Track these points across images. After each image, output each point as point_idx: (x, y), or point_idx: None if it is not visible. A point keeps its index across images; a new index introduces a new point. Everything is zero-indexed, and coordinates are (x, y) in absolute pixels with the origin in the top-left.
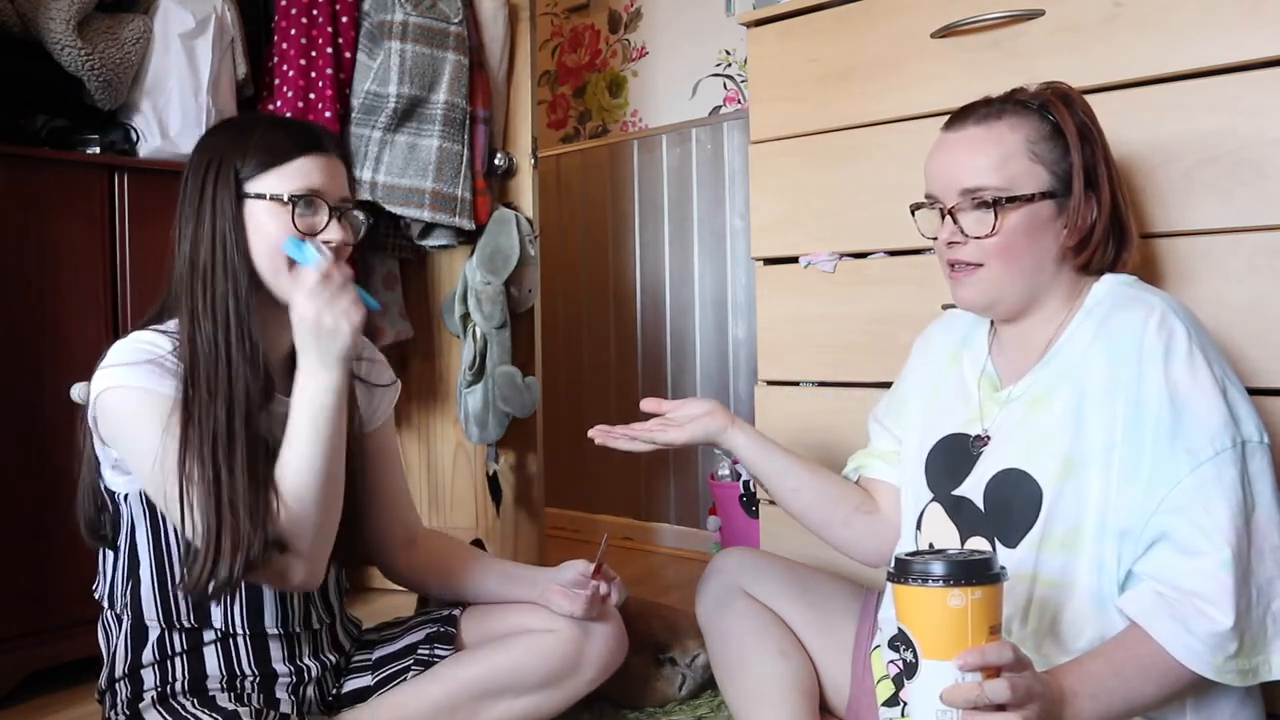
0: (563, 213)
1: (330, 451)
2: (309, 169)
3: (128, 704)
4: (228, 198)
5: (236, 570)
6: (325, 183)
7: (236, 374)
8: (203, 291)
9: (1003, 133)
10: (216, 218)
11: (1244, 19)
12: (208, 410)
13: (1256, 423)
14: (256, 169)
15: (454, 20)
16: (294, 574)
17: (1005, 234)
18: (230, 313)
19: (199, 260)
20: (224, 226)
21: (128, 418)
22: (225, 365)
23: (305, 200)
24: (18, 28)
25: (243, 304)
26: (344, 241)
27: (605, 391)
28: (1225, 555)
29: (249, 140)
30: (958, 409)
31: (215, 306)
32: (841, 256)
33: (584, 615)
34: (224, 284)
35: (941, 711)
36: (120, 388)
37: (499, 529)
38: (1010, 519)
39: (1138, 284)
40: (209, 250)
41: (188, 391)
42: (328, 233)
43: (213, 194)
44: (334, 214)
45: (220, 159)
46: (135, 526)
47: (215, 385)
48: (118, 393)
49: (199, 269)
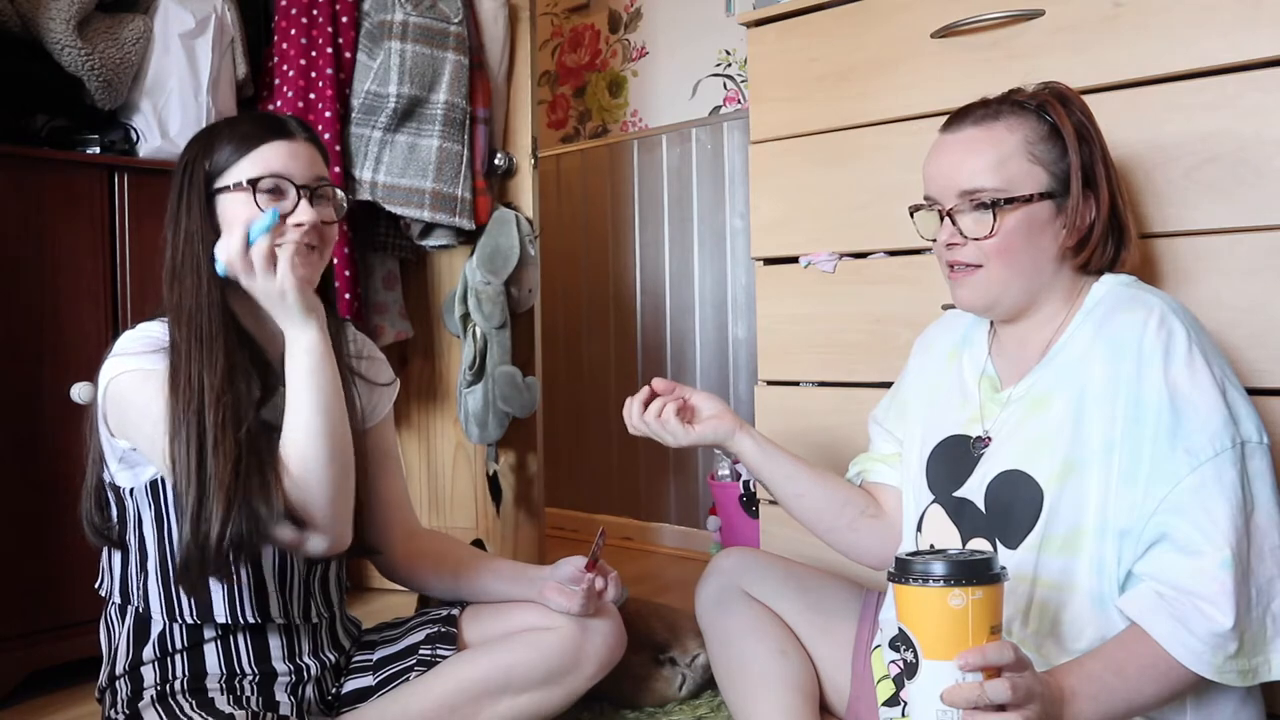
0: (563, 213)
1: (326, 408)
2: (270, 154)
3: (127, 703)
4: (196, 198)
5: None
6: (289, 165)
7: (207, 372)
8: (175, 292)
9: (1001, 134)
10: (189, 219)
11: (1244, 19)
12: (186, 410)
13: (1256, 423)
14: (224, 164)
15: (454, 20)
16: (314, 542)
17: (1004, 235)
18: (195, 310)
19: (176, 262)
20: (192, 227)
21: (136, 397)
22: (196, 364)
23: (268, 184)
24: (18, 28)
25: (205, 299)
26: (315, 221)
27: (605, 391)
28: (1225, 555)
29: (216, 138)
30: (958, 410)
31: (183, 306)
32: (841, 256)
33: (581, 611)
34: (190, 280)
35: (942, 711)
36: (129, 372)
37: (499, 529)
38: (1011, 520)
39: (1137, 284)
40: (181, 252)
41: (174, 393)
42: (297, 214)
43: (186, 197)
44: (301, 194)
45: (191, 161)
46: (142, 521)
47: (191, 387)
48: (127, 376)
49: (175, 270)
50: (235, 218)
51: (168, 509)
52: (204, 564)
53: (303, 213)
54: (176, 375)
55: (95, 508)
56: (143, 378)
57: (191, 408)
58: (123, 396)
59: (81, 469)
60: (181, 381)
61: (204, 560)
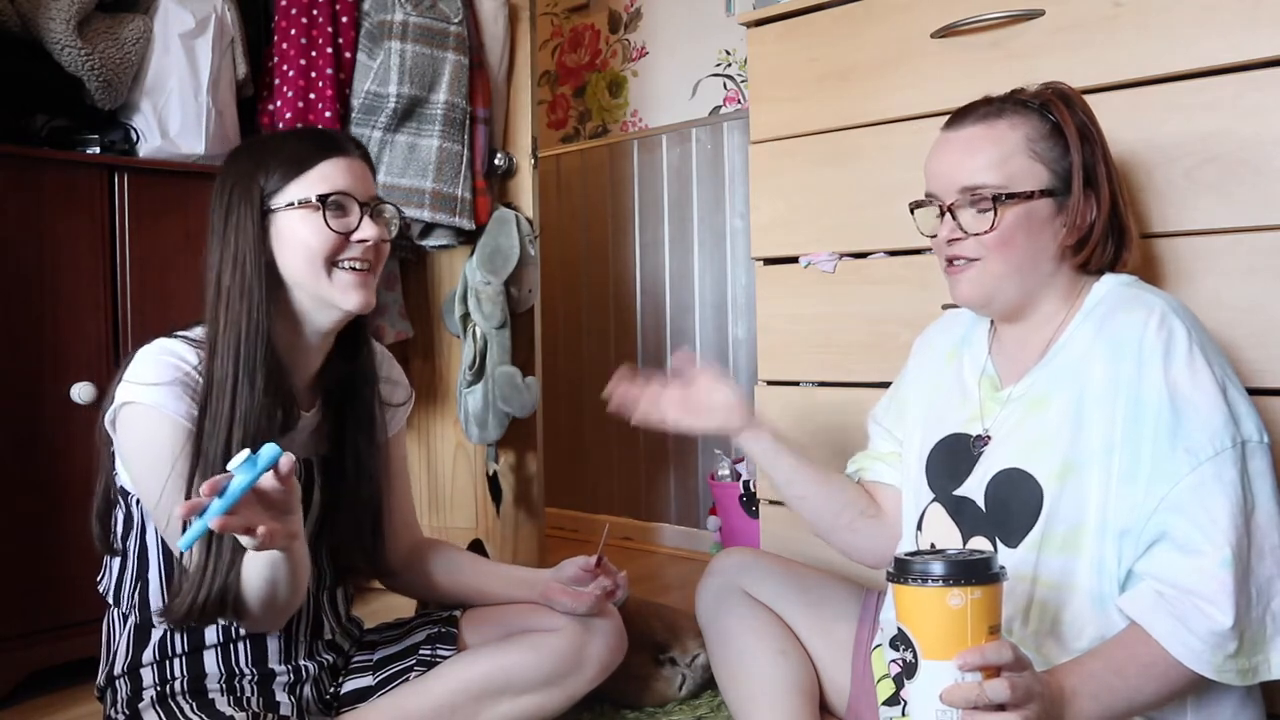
0: (563, 213)
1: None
2: (332, 171)
3: (127, 703)
4: (250, 218)
5: (227, 598)
6: (352, 183)
7: (241, 394)
8: (223, 314)
9: (1003, 131)
10: (239, 239)
11: (1244, 19)
12: (211, 433)
13: (1257, 422)
14: (281, 181)
15: (454, 20)
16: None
17: (1004, 230)
18: (242, 334)
19: (222, 284)
20: (244, 248)
21: (144, 440)
22: (231, 386)
23: (335, 201)
24: (18, 28)
25: (254, 325)
26: (380, 238)
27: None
28: (1225, 554)
29: (270, 155)
30: (958, 409)
31: (229, 328)
32: (841, 256)
33: (589, 612)
34: (239, 304)
35: (941, 711)
36: (142, 405)
37: (499, 529)
38: (1011, 519)
39: (1138, 284)
40: (230, 272)
41: (201, 421)
42: (361, 231)
43: (236, 216)
44: (365, 212)
45: (243, 179)
46: (145, 528)
47: (220, 406)
48: (139, 410)
49: (221, 292)
50: (295, 236)
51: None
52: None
53: (367, 229)
54: (200, 437)
55: (101, 515)
56: (156, 420)
57: (218, 454)
58: (133, 431)
59: (81, 469)
60: (209, 424)
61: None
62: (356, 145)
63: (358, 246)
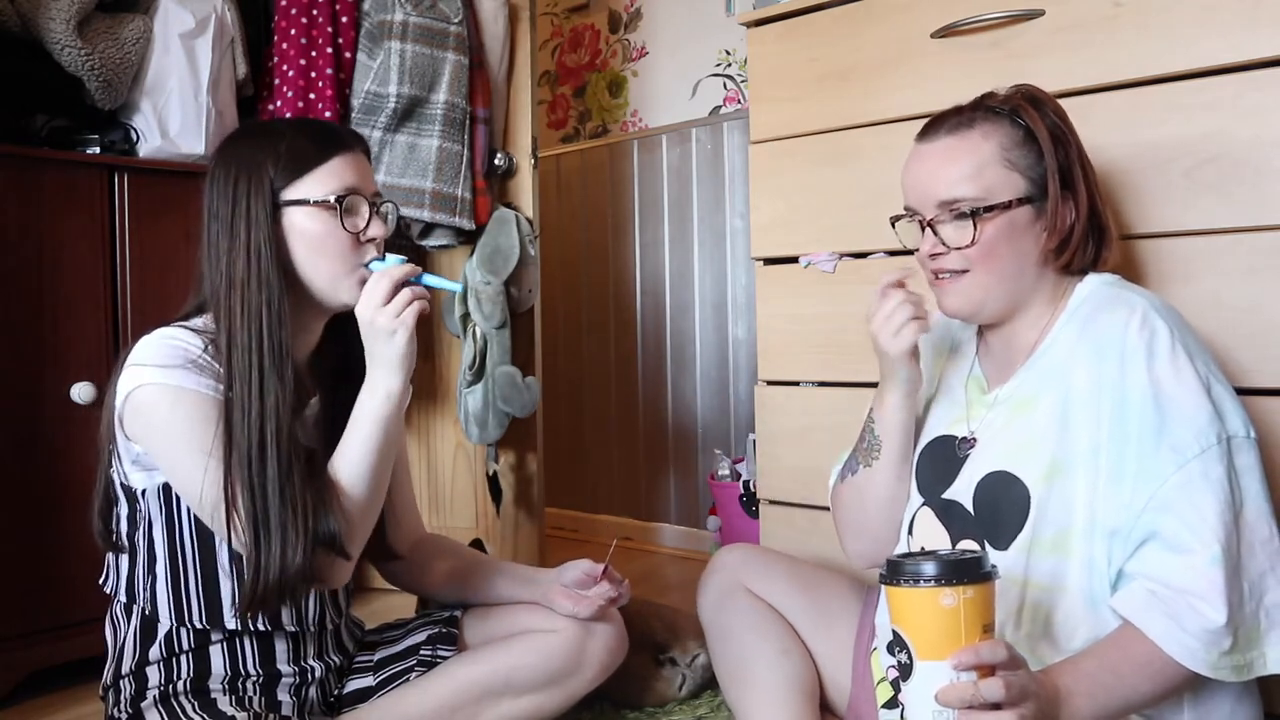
0: (563, 213)
1: (381, 458)
2: (340, 168)
3: (130, 702)
4: (262, 209)
5: (288, 579)
6: (359, 180)
7: (269, 387)
8: (240, 305)
9: (976, 142)
10: (251, 230)
11: (1244, 19)
12: (242, 426)
13: (1242, 418)
14: (290, 176)
15: (454, 20)
16: (335, 573)
17: (985, 242)
18: (264, 326)
19: (235, 275)
20: (259, 239)
21: (166, 417)
22: (259, 379)
23: (347, 200)
24: (18, 28)
25: (275, 315)
26: (385, 235)
27: (605, 391)
28: (1215, 551)
29: (277, 148)
30: (945, 411)
31: (250, 320)
32: (841, 256)
33: (589, 616)
34: (258, 296)
35: (937, 712)
36: (153, 385)
37: (499, 529)
38: (999, 521)
39: (1120, 283)
40: (244, 264)
41: (230, 413)
42: (371, 229)
43: (246, 206)
44: (372, 209)
45: (252, 169)
46: (152, 524)
47: (249, 400)
48: (152, 390)
49: (235, 283)
50: (309, 233)
51: (179, 513)
52: (267, 601)
53: (375, 227)
54: (232, 409)
55: (103, 511)
56: (173, 396)
57: (254, 445)
58: (147, 411)
59: (81, 469)
60: (238, 416)
61: (266, 598)
62: (358, 139)
63: (369, 245)
